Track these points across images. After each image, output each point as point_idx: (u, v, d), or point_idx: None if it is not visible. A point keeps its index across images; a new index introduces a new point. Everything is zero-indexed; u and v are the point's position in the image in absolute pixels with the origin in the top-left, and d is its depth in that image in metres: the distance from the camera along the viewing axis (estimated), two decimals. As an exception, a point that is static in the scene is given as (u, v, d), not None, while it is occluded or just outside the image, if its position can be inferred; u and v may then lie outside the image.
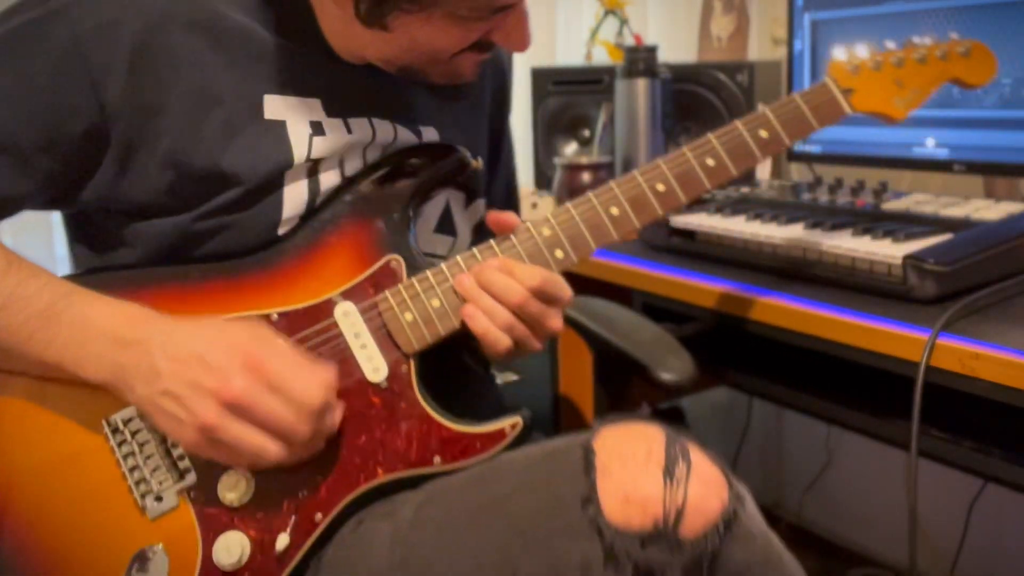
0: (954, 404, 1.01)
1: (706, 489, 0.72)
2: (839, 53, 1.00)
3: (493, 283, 0.83)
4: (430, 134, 0.95)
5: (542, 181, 1.90)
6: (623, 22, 2.05)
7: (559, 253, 0.87)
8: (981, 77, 1.02)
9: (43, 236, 1.72)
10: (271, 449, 0.75)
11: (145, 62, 0.81)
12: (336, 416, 0.79)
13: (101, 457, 0.80)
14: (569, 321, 1.28)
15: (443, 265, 0.86)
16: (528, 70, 1.94)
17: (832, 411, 1.22)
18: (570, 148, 1.91)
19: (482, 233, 0.99)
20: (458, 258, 0.86)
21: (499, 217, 0.88)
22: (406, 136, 0.93)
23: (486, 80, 1.05)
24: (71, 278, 0.86)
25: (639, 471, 0.72)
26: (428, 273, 0.85)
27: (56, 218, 0.95)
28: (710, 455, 0.76)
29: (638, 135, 1.63)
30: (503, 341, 0.83)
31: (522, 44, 0.85)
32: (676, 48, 2.08)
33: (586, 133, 1.88)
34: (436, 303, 0.84)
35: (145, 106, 0.81)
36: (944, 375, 0.92)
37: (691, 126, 1.75)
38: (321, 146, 0.87)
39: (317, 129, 0.87)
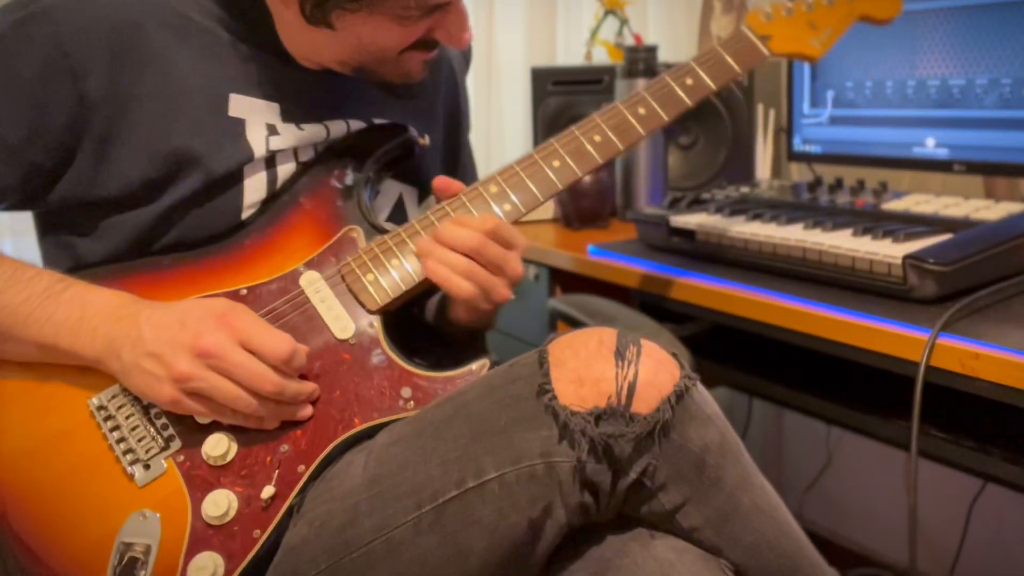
0: (954, 404, 1.01)
1: (657, 366, 0.76)
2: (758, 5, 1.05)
3: (449, 234, 0.88)
4: None
5: (542, 181, 1.90)
6: (623, 22, 2.05)
7: (507, 206, 0.93)
8: (888, 11, 1.08)
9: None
10: (242, 397, 0.80)
11: (121, 59, 0.87)
12: (302, 385, 0.83)
13: (89, 434, 0.83)
14: (567, 319, 1.28)
15: (400, 228, 0.92)
16: (528, 70, 1.94)
17: (832, 411, 1.22)
18: (570, 148, 1.91)
19: None
20: (413, 221, 0.92)
21: (446, 183, 0.94)
22: (358, 128, 0.99)
23: (439, 95, 1.10)
24: None
25: (591, 357, 0.76)
26: (385, 237, 0.91)
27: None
28: (662, 345, 0.79)
29: (638, 135, 1.63)
30: (466, 288, 0.88)
31: (461, 41, 0.91)
32: (676, 48, 2.08)
33: (586, 133, 1.88)
34: (395, 261, 0.90)
35: (121, 99, 0.87)
36: (944, 375, 0.92)
37: (691, 126, 1.75)
38: (277, 143, 0.93)
39: (272, 131, 0.93)
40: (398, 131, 0.99)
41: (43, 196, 0.90)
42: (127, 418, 0.83)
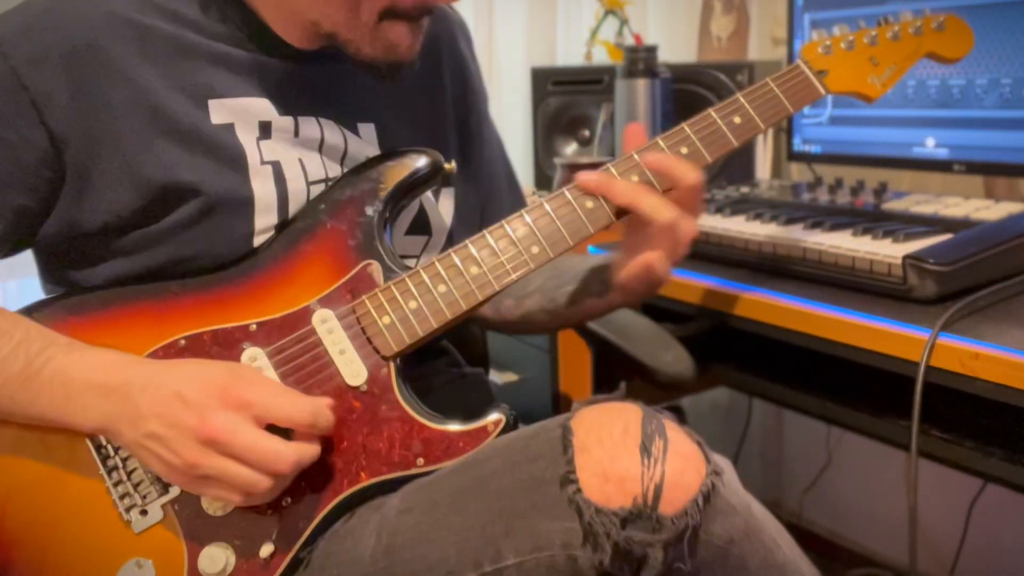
0: (954, 404, 1.01)
1: (684, 463, 0.73)
2: (813, 36, 0.99)
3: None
4: (368, 131, 0.95)
5: (542, 181, 1.90)
6: (623, 22, 2.05)
7: (535, 249, 0.87)
8: (958, 51, 1.01)
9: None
10: (260, 481, 0.74)
11: (83, 83, 0.81)
12: (317, 447, 0.78)
13: (86, 473, 0.80)
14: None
15: (420, 268, 0.86)
16: (528, 70, 1.94)
17: (832, 411, 1.22)
18: (570, 148, 1.91)
19: (490, 213, 1.04)
20: (435, 260, 0.86)
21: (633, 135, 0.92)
22: (355, 140, 0.93)
23: (444, 79, 1.04)
24: (44, 303, 0.87)
25: (616, 448, 0.72)
26: (405, 276, 0.85)
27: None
28: (686, 430, 0.76)
29: (638, 135, 1.63)
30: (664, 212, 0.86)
31: None
32: (676, 48, 2.08)
33: (586, 133, 1.88)
34: (413, 304, 0.84)
35: (91, 128, 0.82)
36: (944, 375, 0.92)
37: (691, 126, 1.75)
38: (270, 148, 0.87)
39: (265, 131, 0.87)
40: (421, 156, 0.92)
41: (36, 235, 0.86)
42: (125, 460, 0.80)
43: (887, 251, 1.04)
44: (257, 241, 0.86)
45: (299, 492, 0.80)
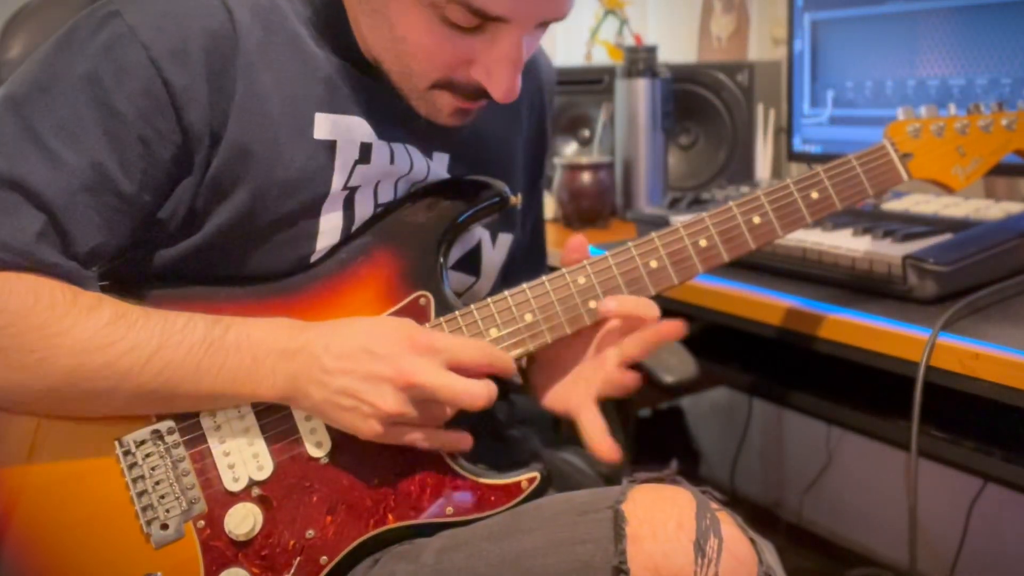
0: (954, 404, 1.01)
1: (737, 566, 0.72)
2: (900, 113, 0.95)
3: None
4: (441, 160, 0.92)
5: (542, 181, 1.90)
6: (623, 22, 2.05)
7: (592, 304, 0.85)
8: None
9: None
10: (446, 414, 0.78)
11: (218, 81, 0.78)
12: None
13: (110, 478, 0.78)
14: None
15: (473, 307, 0.83)
16: (528, 70, 1.94)
17: (832, 411, 1.22)
18: (570, 148, 1.91)
19: (509, 270, 1.00)
20: (489, 301, 0.84)
21: (571, 251, 0.88)
22: (434, 169, 0.90)
23: (522, 114, 1.02)
24: None
25: (670, 544, 0.71)
26: (457, 315, 0.83)
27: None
28: (739, 524, 0.75)
29: (638, 135, 1.64)
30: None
31: (501, 86, 0.79)
32: (676, 48, 2.08)
33: (586, 133, 1.88)
34: None
35: (215, 128, 0.78)
36: (944, 375, 0.92)
37: (691, 126, 1.75)
38: (361, 174, 0.84)
39: (365, 154, 0.84)
40: (487, 188, 0.89)
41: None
42: (152, 469, 0.77)
43: (887, 251, 1.04)
44: (315, 258, 0.84)
45: (324, 527, 0.78)
